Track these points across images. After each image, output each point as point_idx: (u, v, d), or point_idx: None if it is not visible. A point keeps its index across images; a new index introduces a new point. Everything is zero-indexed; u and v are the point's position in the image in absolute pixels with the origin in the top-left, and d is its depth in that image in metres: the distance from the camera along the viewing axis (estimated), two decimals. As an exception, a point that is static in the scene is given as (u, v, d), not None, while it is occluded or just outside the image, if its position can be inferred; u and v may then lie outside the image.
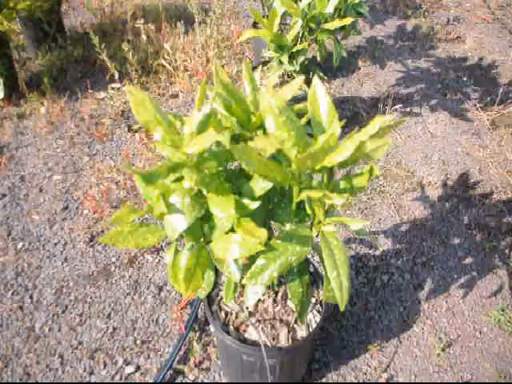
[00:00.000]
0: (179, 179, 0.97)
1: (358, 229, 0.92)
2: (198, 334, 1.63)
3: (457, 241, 2.01)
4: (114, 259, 1.89)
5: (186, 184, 0.88)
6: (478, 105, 2.82)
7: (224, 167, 1.03)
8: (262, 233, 0.89)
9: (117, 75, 2.71)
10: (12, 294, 1.78)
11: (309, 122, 1.00)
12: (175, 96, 2.83)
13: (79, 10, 3.68)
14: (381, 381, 1.53)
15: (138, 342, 1.63)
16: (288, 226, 1.01)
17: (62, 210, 2.11)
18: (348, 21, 1.93)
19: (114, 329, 1.67)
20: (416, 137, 2.61)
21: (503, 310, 1.74)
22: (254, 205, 0.92)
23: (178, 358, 1.56)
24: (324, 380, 1.54)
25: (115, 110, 2.67)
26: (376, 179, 2.30)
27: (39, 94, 2.73)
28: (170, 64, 2.90)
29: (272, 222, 1.09)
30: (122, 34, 3.21)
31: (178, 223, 0.94)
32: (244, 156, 0.78)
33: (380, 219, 2.09)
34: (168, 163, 0.91)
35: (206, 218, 1.01)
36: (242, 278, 1.00)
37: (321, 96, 0.93)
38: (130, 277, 1.83)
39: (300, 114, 1.03)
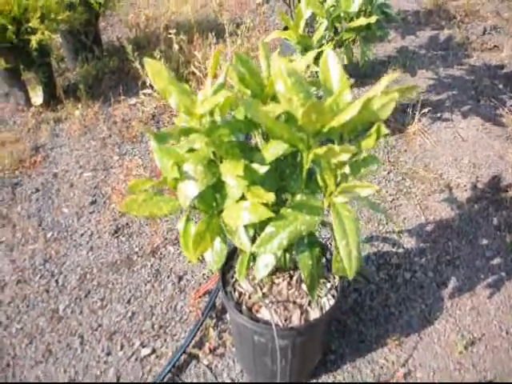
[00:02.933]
0: (193, 150, 1.00)
1: (368, 194, 0.92)
2: (214, 322, 1.64)
3: (485, 241, 1.95)
4: (136, 249, 1.93)
5: (196, 145, 0.91)
6: (510, 111, 2.76)
7: (237, 138, 1.05)
8: (270, 196, 0.91)
9: (148, 81, 2.80)
10: (39, 277, 1.84)
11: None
12: (205, 101, 2.89)
13: (116, 27, 3.83)
14: (398, 375, 1.49)
15: (156, 326, 1.65)
16: (299, 197, 1.01)
17: (90, 203, 2.18)
18: (373, 19, 1.95)
19: (133, 313, 1.69)
20: (446, 141, 2.57)
21: (531, 311, 1.68)
22: (263, 169, 0.93)
23: (193, 343, 1.57)
24: (339, 371, 1.51)
25: (146, 114, 2.75)
26: (403, 181, 2.28)
27: (75, 100, 2.84)
28: (200, 71, 2.97)
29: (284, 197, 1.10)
30: (156, 46, 3.31)
31: (189, 190, 0.96)
32: (251, 109, 0.80)
33: (405, 218, 2.06)
34: (181, 127, 0.94)
35: (219, 188, 1.03)
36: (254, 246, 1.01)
37: (332, 64, 0.94)
38: (151, 266, 1.86)
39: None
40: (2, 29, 2.44)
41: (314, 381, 1.50)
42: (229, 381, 1.50)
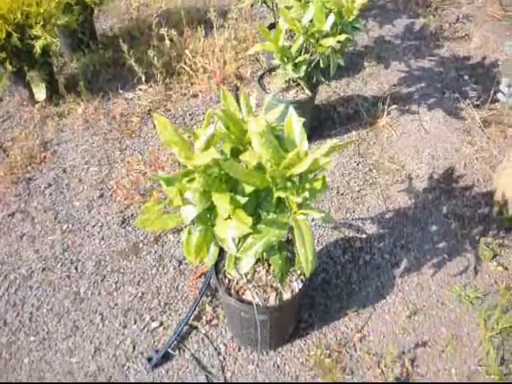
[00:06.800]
0: (192, 180, 1.34)
1: (319, 217, 1.27)
2: (209, 299, 2.02)
3: (434, 228, 2.33)
4: (142, 238, 2.29)
5: (195, 185, 1.25)
6: (472, 103, 3.08)
7: (224, 172, 1.39)
8: (249, 220, 1.25)
9: (143, 78, 3.08)
10: (61, 265, 2.19)
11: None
12: (195, 96, 3.19)
13: (108, 13, 4.03)
14: (354, 339, 1.89)
15: (162, 303, 2.03)
16: (271, 215, 1.36)
17: (98, 197, 2.51)
18: (342, 37, 2.25)
19: (143, 293, 2.07)
20: (410, 133, 2.91)
21: (465, 287, 2.07)
22: (243, 200, 1.28)
23: (193, 316, 1.96)
24: (309, 337, 1.91)
25: (142, 109, 3.04)
26: (369, 172, 2.63)
27: (76, 95, 3.12)
28: (190, 67, 3.25)
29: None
30: (148, 39, 3.56)
31: (190, 212, 1.31)
32: (232, 169, 1.15)
33: (369, 207, 2.43)
34: (183, 170, 1.28)
35: (211, 209, 1.37)
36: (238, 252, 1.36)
37: (295, 122, 1.28)
38: (155, 252, 2.22)
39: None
40: (8, 35, 2.70)
41: (289, 344, 1.90)
42: (222, 346, 1.89)
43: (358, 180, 2.58)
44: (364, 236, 2.29)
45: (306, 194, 1.24)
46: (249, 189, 1.29)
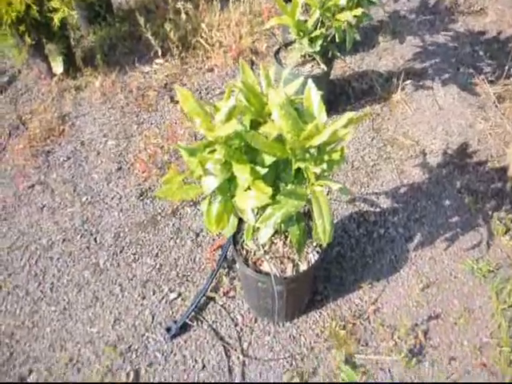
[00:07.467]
0: (213, 151, 1.37)
1: (337, 188, 1.30)
2: (226, 271, 2.07)
3: (447, 202, 2.35)
4: (159, 210, 2.33)
5: (217, 156, 1.28)
6: (486, 79, 3.06)
7: (245, 143, 1.41)
8: (269, 190, 1.28)
9: (160, 52, 3.10)
10: (80, 236, 2.25)
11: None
12: (211, 70, 3.19)
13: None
14: (369, 311, 1.94)
15: (180, 275, 2.08)
16: (289, 186, 1.39)
17: (117, 170, 2.55)
18: (359, 12, 2.24)
19: (161, 265, 2.12)
20: (425, 109, 2.90)
21: (477, 261, 2.10)
22: (263, 171, 1.31)
23: (210, 288, 2.00)
24: (324, 308, 1.96)
25: (159, 83, 3.06)
26: (384, 147, 2.64)
27: (93, 68, 3.15)
28: (206, 41, 3.25)
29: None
30: (164, 12, 3.55)
31: (211, 183, 1.34)
32: (253, 139, 1.17)
33: (383, 182, 2.44)
34: (204, 142, 1.31)
35: (232, 180, 1.40)
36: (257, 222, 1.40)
37: (313, 95, 1.29)
38: (173, 225, 2.27)
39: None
40: (27, 8, 2.71)
41: (305, 315, 1.95)
42: (239, 317, 1.94)
43: (372, 155, 2.60)
44: (378, 210, 2.31)
45: (324, 165, 1.27)
46: (269, 160, 1.32)
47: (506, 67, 3.05)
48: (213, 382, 1.78)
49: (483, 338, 1.88)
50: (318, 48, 2.51)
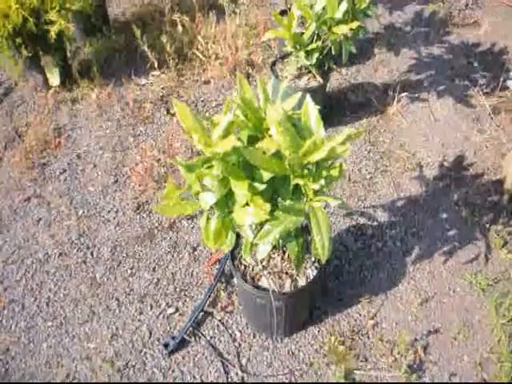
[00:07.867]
0: (210, 167, 1.36)
1: (336, 205, 1.29)
2: (224, 285, 2.05)
3: (445, 215, 2.35)
4: (156, 224, 2.32)
5: (215, 172, 1.27)
6: (481, 90, 3.08)
7: (243, 158, 1.41)
8: (267, 206, 1.28)
9: (156, 64, 3.10)
10: (77, 250, 2.23)
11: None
12: (207, 82, 3.19)
13: (120, -2, 4.03)
14: (367, 326, 1.92)
15: (177, 289, 2.06)
16: (288, 202, 1.38)
17: (113, 183, 2.54)
18: (355, 25, 2.25)
19: (158, 279, 2.10)
20: (420, 121, 2.91)
21: (475, 274, 2.09)
22: (261, 187, 1.30)
23: (208, 303, 1.99)
24: (323, 323, 1.94)
25: (155, 95, 3.06)
26: (380, 159, 2.64)
27: (89, 80, 3.14)
28: (202, 54, 3.26)
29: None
30: (160, 24, 3.55)
31: (209, 198, 1.34)
32: (252, 156, 1.16)
33: (380, 195, 2.44)
34: (202, 157, 1.30)
35: (229, 195, 1.39)
36: (255, 238, 1.39)
37: (311, 110, 1.29)
38: (170, 238, 2.25)
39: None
40: (24, 20, 2.71)
41: (303, 331, 1.93)
42: (237, 332, 1.92)
43: (369, 168, 2.60)
44: (376, 223, 2.31)
45: (322, 181, 1.26)
46: (266, 176, 1.31)
47: (501, 79, 3.07)
48: (213, 381, 1.76)
49: (483, 352, 1.87)
50: (314, 61, 2.52)
